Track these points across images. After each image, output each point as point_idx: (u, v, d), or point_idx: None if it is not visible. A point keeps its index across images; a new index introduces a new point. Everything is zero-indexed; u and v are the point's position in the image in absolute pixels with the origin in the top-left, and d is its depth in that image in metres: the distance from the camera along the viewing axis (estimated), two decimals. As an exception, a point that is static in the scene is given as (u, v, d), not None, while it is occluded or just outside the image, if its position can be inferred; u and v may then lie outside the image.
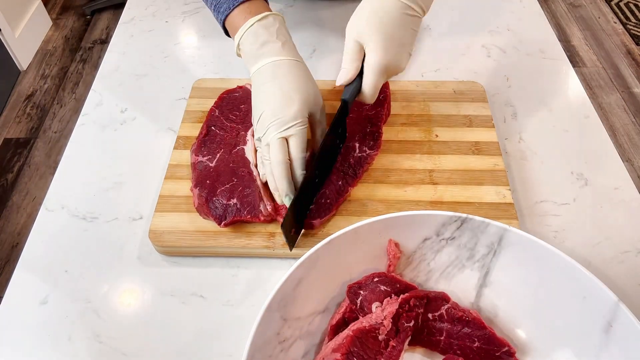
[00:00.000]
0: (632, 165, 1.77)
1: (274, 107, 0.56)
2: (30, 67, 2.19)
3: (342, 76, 0.56)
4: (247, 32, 0.60)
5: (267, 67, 0.58)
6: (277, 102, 0.57)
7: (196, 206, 0.58)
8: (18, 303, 0.54)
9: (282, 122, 0.56)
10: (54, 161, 1.82)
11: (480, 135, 0.67)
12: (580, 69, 2.12)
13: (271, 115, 0.56)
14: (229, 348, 0.51)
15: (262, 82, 0.59)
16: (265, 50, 0.59)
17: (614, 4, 2.44)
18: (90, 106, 0.75)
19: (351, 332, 0.45)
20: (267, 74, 0.58)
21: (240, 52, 0.62)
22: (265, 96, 0.58)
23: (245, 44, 0.60)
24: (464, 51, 0.82)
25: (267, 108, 0.57)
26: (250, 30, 0.60)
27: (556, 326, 0.48)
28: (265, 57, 0.59)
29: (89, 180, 0.65)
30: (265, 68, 0.59)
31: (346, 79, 0.56)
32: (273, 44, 0.59)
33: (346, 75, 0.56)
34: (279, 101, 0.56)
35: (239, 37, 0.61)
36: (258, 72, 0.59)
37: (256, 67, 0.59)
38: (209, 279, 0.56)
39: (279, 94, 0.57)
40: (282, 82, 0.58)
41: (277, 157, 0.55)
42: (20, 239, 1.59)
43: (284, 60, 0.59)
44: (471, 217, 0.50)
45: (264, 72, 0.59)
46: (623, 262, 0.56)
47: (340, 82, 0.56)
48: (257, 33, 0.59)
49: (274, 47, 0.59)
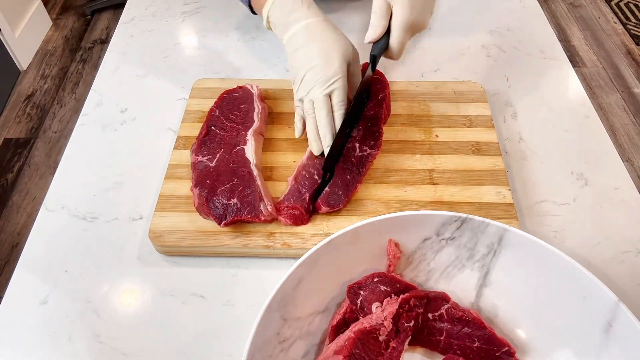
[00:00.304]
0: (632, 165, 1.77)
1: (316, 67, 0.60)
2: (30, 67, 2.19)
3: (371, 33, 0.59)
4: (274, 4, 0.64)
5: (299, 32, 0.62)
6: (317, 61, 0.60)
7: (196, 206, 0.58)
8: (18, 303, 0.54)
9: (325, 79, 0.60)
10: (54, 161, 1.82)
11: (480, 135, 0.67)
12: (580, 69, 2.12)
13: (314, 75, 0.60)
14: (229, 348, 0.51)
15: (299, 45, 0.62)
16: (294, 18, 0.63)
17: (614, 4, 2.44)
18: (90, 106, 0.75)
19: (353, 334, 0.45)
20: (302, 38, 0.62)
21: (270, 24, 0.66)
22: (305, 58, 0.61)
23: (274, 15, 0.65)
24: (464, 51, 0.82)
25: (309, 69, 0.61)
26: (277, 1, 0.64)
27: (556, 326, 0.48)
28: (294, 23, 0.63)
29: (89, 180, 0.65)
30: (298, 33, 0.62)
31: (375, 35, 0.59)
32: (299, 10, 0.63)
33: (375, 32, 0.59)
34: (319, 61, 0.60)
35: (267, 10, 0.65)
36: (291, 38, 0.63)
37: (288, 34, 0.63)
38: (209, 279, 0.56)
39: (317, 54, 0.61)
40: (318, 42, 0.61)
41: (323, 111, 0.60)
42: (20, 239, 1.59)
43: (313, 21, 0.63)
44: (471, 217, 0.50)
45: (297, 36, 0.63)
46: (623, 262, 0.56)
47: (369, 39, 0.60)
48: (283, 3, 0.64)
49: (301, 12, 0.63)
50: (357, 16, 0.88)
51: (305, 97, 0.62)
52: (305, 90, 0.62)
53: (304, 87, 0.62)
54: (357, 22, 0.87)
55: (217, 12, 0.90)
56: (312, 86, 0.61)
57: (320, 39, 0.62)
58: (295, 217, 0.57)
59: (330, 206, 0.58)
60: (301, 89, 0.62)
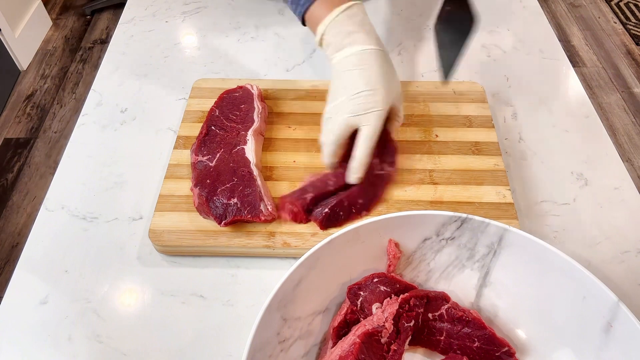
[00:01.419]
0: (632, 165, 1.77)
1: (354, 94, 0.57)
2: (30, 67, 2.19)
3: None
4: (332, 22, 0.60)
5: (352, 56, 0.59)
6: (360, 88, 0.57)
7: (196, 205, 0.58)
8: (18, 303, 0.54)
9: (359, 108, 0.56)
10: (54, 161, 1.82)
11: (480, 135, 0.67)
12: (580, 69, 2.12)
13: (348, 100, 0.57)
14: (229, 348, 0.51)
15: (346, 69, 0.59)
16: (350, 40, 0.59)
17: (614, 4, 2.44)
18: (90, 106, 0.75)
19: (358, 339, 0.44)
20: (352, 63, 0.58)
21: (324, 42, 0.61)
22: (348, 82, 0.58)
23: (330, 34, 0.60)
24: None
25: (345, 95, 0.57)
26: (336, 20, 0.60)
27: (556, 326, 0.48)
28: (350, 46, 0.59)
29: (89, 180, 0.65)
30: (350, 57, 0.59)
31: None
32: (358, 33, 0.59)
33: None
34: (362, 88, 0.57)
35: (323, 27, 0.60)
36: (341, 61, 0.59)
37: (341, 56, 0.59)
38: (209, 279, 0.56)
39: (362, 82, 0.57)
40: (367, 70, 0.58)
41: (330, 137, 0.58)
42: (20, 239, 1.59)
43: (369, 50, 0.59)
44: (471, 217, 0.50)
45: (348, 60, 0.59)
46: (623, 262, 0.56)
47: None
48: (342, 23, 0.60)
49: (359, 37, 0.59)
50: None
51: (330, 119, 0.59)
52: (335, 112, 0.58)
53: (335, 110, 0.58)
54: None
55: (217, 12, 0.90)
56: (343, 111, 0.57)
57: (369, 68, 0.58)
58: (293, 214, 0.57)
59: (322, 225, 0.57)
60: (332, 111, 0.59)
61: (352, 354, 0.43)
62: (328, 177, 0.60)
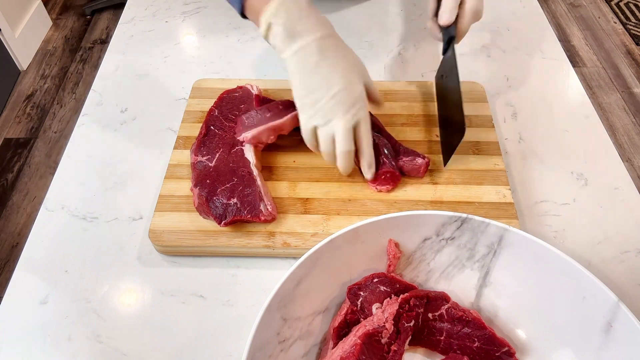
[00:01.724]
0: (632, 165, 1.77)
1: (338, 94, 0.55)
2: (30, 67, 2.19)
3: (447, 18, 0.62)
4: (278, 9, 0.55)
5: (310, 47, 0.55)
6: (339, 86, 0.55)
7: (196, 206, 0.58)
8: (18, 303, 0.54)
9: (348, 107, 0.55)
10: (54, 161, 1.82)
11: (480, 135, 0.67)
12: (580, 69, 2.12)
13: (336, 103, 0.55)
14: (229, 348, 0.51)
15: (311, 66, 0.55)
16: (302, 28, 0.55)
17: (614, 4, 2.44)
18: (90, 106, 0.75)
19: (359, 340, 0.44)
20: (314, 55, 0.55)
21: (270, 33, 0.56)
22: (323, 81, 0.55)
23: (277, 24, 0.55)
24: (464, 51, 0.82)
25: (330, 95, 0.55)
26: (282, 7, 0.55)
27: (556, 326, 0.48)
28: (303, 36, 0.55)
29: (89, 180, 0.65)
30: (308, 47, 0.55)
31: (450, 19, 0.62)
32: (308, 19, 0.55)
33: (451, 17, 0.62)
34: (341, 84, 0.55)
35: (268, 16, 0.55)
36: (299, 53, 0.55)
37: (295, 48, 0.55)
38: (209, 279, 0.56)
39: (337, 76, 0.55)
40: (334, 63, 0.55)
41: (343, 148, 0.56)
42: (20, 239, 1.59)
43: (325, 35, 0.56)
44: (471, 217, 0.50)
45: (308, 52, 0.55)
46: (623, 262, 0.56)
47: (447, 23, 0.62)
48: (288, 9, 0.55)
49: (310, 23, 0.55)
50: (362, 15, 0.88)
51: (322, 127, 0.56)
52: (323, 118, 0.55)
53: (321, 115, 0.55)
54: (363, 22, 0.87)
55: (217, 12, 0.90)
56: (334, 116, 0.55)
57: (336, 59, 0.55)
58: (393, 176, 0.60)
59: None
60: (317, 117, 0.56)
61: (353, 355, 0.43)
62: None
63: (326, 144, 0.57)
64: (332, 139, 0.56)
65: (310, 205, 0.60)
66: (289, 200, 0.60)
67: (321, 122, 0.56)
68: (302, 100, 0.57)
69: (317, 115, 0.56)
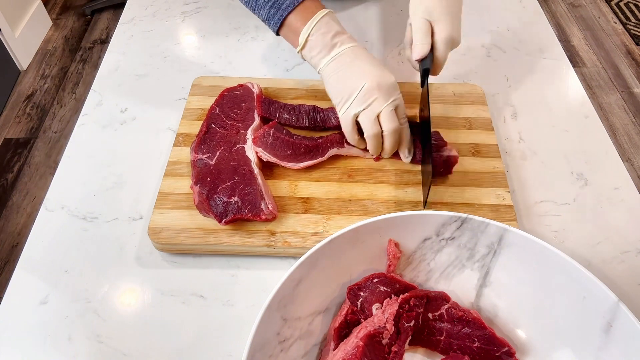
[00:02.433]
0: (632, 165, 1.77)
1: (376, 78, 0.59)
2: (30, 67, 2.19)
3: (419, 50, 0.61)
4: (319, 22, 0.62)
5: (346, 52, 0.62)
6: (375, 73, 0.60)
7: (196, 203, 0.58)
8: (18, 303, 0.54)
9: (388, 91, 0.60)
10: (54, 161, 1.82)
11: (480, 137, 0.67)
12: (580, 69, 2.12)
13: (375, 85, 0.59)
14: (229, 348, 0.51)
15: (346, 63, 0.61)
16: (339, 40, 0.62)
17: (614, 4, 2.44)
18: (90, 106, 0.75)
19: (361, 342, 0.44)
20: (349, 57, 0.61)
21: (309, 44, 0.63)
22: (357, 72, 0.60)
23: (317, 34, 0.62)
24: (464, 51, 0.82)
25: (366, 80, 0.59)
26: (322, 20, 0.62)
27: (556, 326, 0.48)
28: (340, 45, 0.62)
29: (89, 180, 0.65)
30: (344, 53, 0.62)
31: (423, 52, 0.61)
32: (344, 34, 0.63)
33: (423, 49, 0.61)
34: (377, 72, 0.60)
35: (310, 28, 0.62)
36: (336, 58, 0.62)
37: (332, 55, 0.62)
38: (209, 278, 0.56)
39: (372, 68, 0.60)
40: (368, 61, 0.61)
41: (392, 126, 0.60)
42: (20, 239, 1.59)
43: (358, 46, 0.63)
44: (471, 217, 0.50)
45: (344, 56, 0.62)
46: (623, 262, 0.56)
47: (419, 56, 0.61)
48: (329, 24, 0.62)
49: (346, 36, 0.63)
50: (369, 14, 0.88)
51: (364, 112, 0.60)
52: (364, 103, 0.59)
53: (361, 101, 0.59)
54: (363, 22, 0.87)
55: (217, 12, 0.90)
56: (374, 98, 0.59)
57: (368, 59, 0.61)
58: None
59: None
60: (356, 103, 0.60)
61: (355, 357, 0.43)
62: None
63: (370, 125, 0.60)
64: (374, 120, 0.60)
65: (310, 204, 0.60)
66: (289, 200, 0.60)
67: (362, 107, 0.60)
68: (339, 95, 0.62)
69: (356, 103, 0.60)
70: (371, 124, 0.60)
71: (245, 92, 0.69)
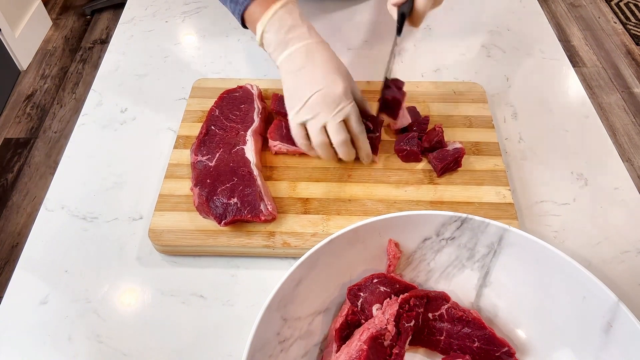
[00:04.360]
0: (632, 165, 1.77)
1: (322, 90, 0.58)
2: (30, 67, 2.19)
3: None
4: (272, 18, 0.60)
5: (300, 51, 0.60)
6: (322, 83, 0.58)
7: (196, 205, 0.58)
8: (18, 303, 0.54)
9: (334, 103, 0.58)
10: (54, 161, 1.82)
11: (480, 135, 0.67)
12: (580, 69, 2.12)
13: (320, 98, 0.58)
14: (229, 348, 0.51)
15: (298, 66, 0.60)
16: (294, 35, 0.60)
17: (614, 4, 2.44)
18: (90, 106, 0.75)
19: (365, 345, 0.44)
20: (301, 58, 0.60)
21: (264, 40, 0.62)
22: (309, 79, 0.59)
23: (271, 31, 0.61)
24: (464, 51, 0.82)
25: (315, 90, 0.58)
26: (275, 16, 0.60)
27: (556, 326, 0.48)
28: (294, 41, 0.60)
29: (89, 180, 0.65)
30: (297, 52, 0.60)
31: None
32: (300, 28, 0.60)
33: None
34: (324, 82, 0.58)
35: (263, 24, 0.61)
36: (290, 56, 0.60)
37: (287, 53, 0.60)
38: (209, 279, 0.56)
39: (321, 76, 0.59)
40: (320, 63, 0.59)
41: (339, 138, 0.59)
42: (20, 239, 1.59)
43: (313, 42, 0.60)
44: (471, 217, 0.50)
45: (297, 56, 0.60)
46: (623, 262, 0.56)
47: (397, 1, 0.58)
48: (282, 19, 0.60)
49: (302, 31, 0.60)
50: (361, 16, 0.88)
51: (311, 121, 0.59)
52: (311, 113, 0.58)
53: (308, 110, 0.59)
54: (363, 22, 0.87)
55: (217, 12, 0.90)
56: (320, 110, 0.58)
57: (322, 61, 0.60)
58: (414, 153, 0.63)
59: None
60: (304, 112, 0.59)
61: None
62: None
63: (317, 135, 0.59)
64: (321, 130, 0.59)
65: (310, 205, 0.60)
66: (289, 200, 0.60)
67: (309, 117, 0.59)
68: (291, 99, 0.61)
69: (303, 111, 0.59)
70: (317, 134, 0.59)
71: (245, 93, 0.69)
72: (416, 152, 0.62)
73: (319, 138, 0.59)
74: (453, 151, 0.61)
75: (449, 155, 0.61)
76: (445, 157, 0.61)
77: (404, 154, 0.63)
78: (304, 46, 0.60)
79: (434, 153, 0.62)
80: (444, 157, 0.61)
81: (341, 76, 0.59)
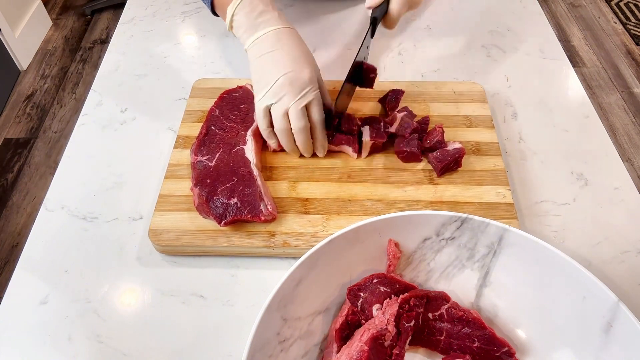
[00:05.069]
0: (632, 165, 1.77)
1: (288, 73, 0.58)
2: (30, 67, 2.19)
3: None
4: (242, 2, 0.61)
5: (269, 36, 0.60)
6: (289, 67, 0.59)
7: (196, 205, 0.58)
8: (18, 303, 0.54)
9: (299, 87, 0.58)
10: (54, 161, 1.82)
11: (480, 135, 0.67)
12: (580, 69, 2.12)
13: (287, 81, 0.58)
14: (229, 348, 0.51)
15: (266, 50, 0.60)
16: (264, 20, 0.61)
17: (614, 4, 2.44)
18: (90, 106, 0.75)
19: (366, 346, 0.44)
20: (270, 42, 0.60)
21: (234, 23, 0.63)
22: (275, 63, 0.59)
23: (241, 14, 0.61)
24: (464, 51, 0.82)
25: (280, 74, 0.58)
26: (245, 1, 0.61)
27: (556, 326, 0.48)
28: (264, 25, 0.61)
29: (89, 180, 0.65)
30: (266, 36, 0.60)
31: (375, 1, 0.59)
32: (271, 12, 0.61)
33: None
34: (292, 67, 0.59)
35: (234, 7, 0.61)
36: (259, 40, 0.61)
37: (255, 36, 0.61)
38: (209, 279, 0.56)
39: (289, 60, 0.59)
40: (288, 48, 0.60)
41: (299, 124, 0.59)
42: (20, 239, 1.59)
43: (283, 28, 0.61)
44: (471, 217, 0.50)
45: (266, 40, 0.60)
46: (623, 262, 0.56)
47: (371, 4, 0.59)
48: (253, 2, 0.61)
49: (272, 16, 0.61)
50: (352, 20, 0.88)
51: (275, 105, 0.59)
52: (275, 97, 0.59)
53: (273, 94, 0.59)
54: (363, 22, 0.87)
55: (217, 12, 0.90)
56: (285, 93, 0.58)
57: (290, 46, 0.60)
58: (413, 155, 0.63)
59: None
60: (269, 95, 0.59)
61: None
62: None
63: (279, 120, 0.60)
64: (284, 115, 0.59)
65: (310, 205, 0.60)
66: (289, 200, 0.60)
67: (273, 100, 0.59)
68: (257, 83, 0.61)
69: (268, 95, 0.59)
70: (279, 119, 0.59)
71: (245, 93, 0.69)
72: (416, 153, 0.62)
73: (281, 123, 0.60)
74: (453, 151, 0.61)
75: (449, 155, 0.61)
76: (445, 157, 0.61)
77: (404, 155, 0.63)
78: (273, 31, 0.60)
79: (434, 153, 0.62)
80: (444, 157, 0.61)
81: (308, 63, 0.60)
